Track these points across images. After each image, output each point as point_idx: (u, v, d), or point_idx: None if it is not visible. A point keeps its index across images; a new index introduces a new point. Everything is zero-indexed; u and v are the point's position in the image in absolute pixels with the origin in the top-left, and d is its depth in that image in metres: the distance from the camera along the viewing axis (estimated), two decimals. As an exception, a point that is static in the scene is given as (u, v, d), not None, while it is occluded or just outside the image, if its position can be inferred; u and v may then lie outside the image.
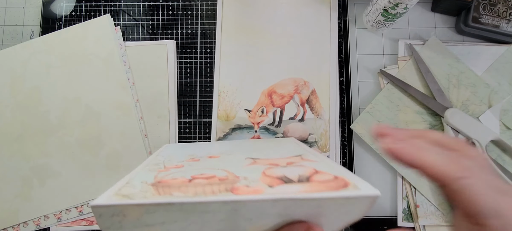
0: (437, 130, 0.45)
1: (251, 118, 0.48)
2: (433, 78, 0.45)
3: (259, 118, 0.48)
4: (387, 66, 0.48)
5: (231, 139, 0.48)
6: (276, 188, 0.19)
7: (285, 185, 0.20)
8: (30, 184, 0.45)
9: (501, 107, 0.45)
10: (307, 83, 0.48)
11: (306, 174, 0.21)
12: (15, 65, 0.48)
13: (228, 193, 0.19)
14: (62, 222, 0.45)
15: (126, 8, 0.51)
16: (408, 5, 0.40)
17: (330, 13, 0.50)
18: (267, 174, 0.22)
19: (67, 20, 0.50)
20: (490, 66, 0.47)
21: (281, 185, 0.20)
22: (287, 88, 0.48)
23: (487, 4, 0.46)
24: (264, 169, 0.23)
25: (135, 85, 0.48)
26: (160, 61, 0.49)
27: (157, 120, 0.47)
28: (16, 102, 0.47)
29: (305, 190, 0.19)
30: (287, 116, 0.48)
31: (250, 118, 0.48)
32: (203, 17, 0.51)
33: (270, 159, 0.27)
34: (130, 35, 0.50)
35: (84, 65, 0.48)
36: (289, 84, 0.48)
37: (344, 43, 0.49)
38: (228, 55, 0.49)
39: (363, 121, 0.46)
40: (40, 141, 0.46)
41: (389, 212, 0.45)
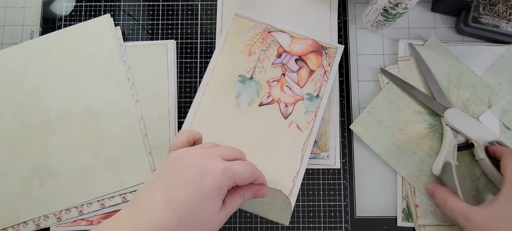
0: (437, 130, 0.45)
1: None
2: (433, 78, 0.45)
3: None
4: (387, 66, 0.48)
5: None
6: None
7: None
8: (30, 184, 0.45)
9: (501, 108, 0.45)
10: (307, 83, 0.48)
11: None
12: (15, 65, 0.48)
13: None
14: (62, 222, 0.45)
15: (126, 8, 0.51)
16: (408, 5, 0.40)
17: (330, 13, 0.50)
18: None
19: (67, 20, 0.50)
20: (490, 66, 0.47)
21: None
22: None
23: (487, 4, 0.46)
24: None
25: (135, 85, 0.48)
26: (160, 61, 0.49)
27: (157, 120, 0.47)
28: (16, 102, 0.47)
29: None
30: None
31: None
32: (203, 17, 0.51)
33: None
34: (130, 35, 0.50)
35: (84, 65, 0.48)
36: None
37: (344, 43, 0.49)
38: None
39: (362, 121, 0.46)
40: (40, 141, 0.46)
41: (389, 212, 0.45)
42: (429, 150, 0.45)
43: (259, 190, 0.36)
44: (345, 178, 0.46)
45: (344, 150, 0.47)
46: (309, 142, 0.45)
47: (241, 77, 0.47)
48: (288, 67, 0.47)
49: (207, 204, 0.29)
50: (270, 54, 0.48)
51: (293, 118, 0.46)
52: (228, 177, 0.30)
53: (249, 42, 0.48)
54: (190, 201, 0.29)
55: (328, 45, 0.48)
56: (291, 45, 0.48)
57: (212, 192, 0.29)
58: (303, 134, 0.45)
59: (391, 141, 0.45)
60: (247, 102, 0.46)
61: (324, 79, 0.47)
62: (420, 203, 0.44)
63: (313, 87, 0.47)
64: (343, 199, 0.46)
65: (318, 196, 0.46)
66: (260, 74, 0.47)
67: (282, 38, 0.48)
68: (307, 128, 0.46)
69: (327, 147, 0.47)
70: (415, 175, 0.44)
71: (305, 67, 0.47)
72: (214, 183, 0.29)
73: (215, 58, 0.48)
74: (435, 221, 0.44)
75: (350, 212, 0.46)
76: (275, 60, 0.47)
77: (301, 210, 0.46)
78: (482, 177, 0.44)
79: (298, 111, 0.46)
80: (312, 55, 0.48)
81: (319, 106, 0.46)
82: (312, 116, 0.46)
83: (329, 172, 0.46)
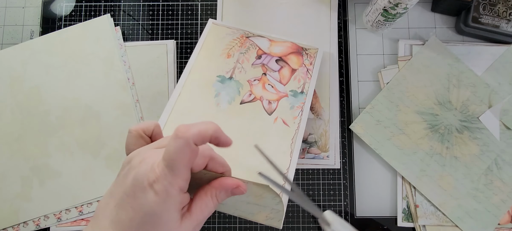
0: (437, 130, 0.45)
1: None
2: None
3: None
4: (387, 66, 0.48)
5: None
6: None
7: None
8: (30, 184, 0.45)
9: (501, 108, 0.45)
10: (307, 83, 0.48)
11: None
12: (15, 65, 0.48)
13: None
14: (62, 222, 0.45)
15: (126, 8, 0.51)
16: (408, 5, 0.40)
17: (330, 13, 0.50)
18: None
19: (67, 20, 0.50)
20: (490, 66, 0.47)
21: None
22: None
23: (487, 4, 0.46)
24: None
25: (135, 85, 0.48)
26: (160, 61, 0.49)
27: (157, 120, 0.47)
28: (16, 102, 0.47)
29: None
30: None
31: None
32: (203, 17, 0.51)
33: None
34: (130, 35, 0.50)
35: (84, 65, 0.48)
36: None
37: (344, 43, 0.49)
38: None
39: (362, 121, 0.46)
40: (40, 141, 0.46)
41: (389, 212, 0.45)
42: (429, 150, 0.45)
43: (236, 188, 0.28)
44: (345, 178, 0.46)
45: (344, 150, 0.47)
46: (297, 136, 0.44)
47: (220, 77, 0.47)
48: (269, 67, 0.47)
49: (155, 222, 0.24)
50: (249, 56, 0.48)
51: (278, 114, 0.45)
52: (169, 183, 0.23)
53: (227, 46, 0.48)
54: (134, 222, 0.24)
55: (308, 46, 0.48)
56: (271, 48, 0.48)
57: (156, 208, 0.24)
58: (290, 129, 0.44)
59: (391, 141, 0.45)
60: (227, 101, 0.46)
61: (307, 77, 0.47)
62: (421, 203, 0.44)
63: (296, 84, 0.46)
64: (343, 199, 0.46)
65: (318, 196, 0.46)
66: (240, 74, 0.47)
67: (260, 42, 0.48)
68: (294, 122, 0.45)
69: (327, 147, 0.47)
70: (415, 175, 0.44)
71: (286, 66, 0.47)
72: (155, 197, 0.23)
73: (191, 62, 0.47)
74: (435, 221, 0.44)
75: (350, 212, 0.46)
76: (255, 61, 0.47)
77: (301, 210, 0.46)
78: (483, 177, 0.44)
79: (282, 107, 0.45)
80: (292, 55, 0.47)
81: (305, 102, 0.46)
82: (298, 111, 0.45)
83: (329, 172, 0.46)
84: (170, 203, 0.24)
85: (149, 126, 0.29)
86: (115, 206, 0.25)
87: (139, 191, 0.24)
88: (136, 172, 0.24)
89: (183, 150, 0.23)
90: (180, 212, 0.25)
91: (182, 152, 0.23)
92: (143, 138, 0.29)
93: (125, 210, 0.24)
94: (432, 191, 0.44)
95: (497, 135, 0.45)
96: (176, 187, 0.24)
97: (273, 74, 0.47)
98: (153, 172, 0.24)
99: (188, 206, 0.26)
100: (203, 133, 0.24)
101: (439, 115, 0.46)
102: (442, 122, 0.45)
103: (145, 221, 0.24)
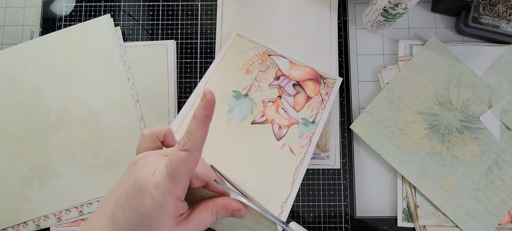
0: (437, 130, 0.45)
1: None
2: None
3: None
4: (387, 66, 0.48)
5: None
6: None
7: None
8: (30, 184, 0.45)
9: (501, 108, 0.45)
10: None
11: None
12: (15, 65, 0.48)
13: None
14: (62, 222, 0.45)
15: (126, 8, 0.51)
16: (408, 5, 0.40)
17: (330, 13, 0.50)
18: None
19: (67, 20, 0.50)
20: (490, 66, 0.47)
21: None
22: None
23: (487, 4, 0.46)
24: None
25: (135, 85, 0.48)
26: (160, 61, 0.49)
27: (157, 120, 0.47)
28: (16, 102, 0.47)
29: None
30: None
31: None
32: (203, 17, 0.51)
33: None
34: (130, 35, 0.50)
35: (84, 65, 0.48)
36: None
37: (344, 43, 0.49)
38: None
39: (362, 121, 0.46)
40: (40, 141, 0.46)
41: (389, 212, 0.45)
42: (429, 150, 0.45)
43: (237, 211, 0.28)
44: (345, 178, 0.46)
45: (344, 150, 0.47)
46: (301, 166, 0.44)
47: (236, 93, 0.46)
48: (285, 90, 0.47)
49: (148, 225, 0.25)
50: (268, 75, 0.47)
51: (286, 140, 0.45)
52: (167, 190, 0.24)
53: (247, 62, 0.48)
54: (130, 222, 0.25)
55: (327, 76, 0.47)
56: (290, 71, 0.47)
57: (151, 212, 0.24)
58: (296, 158, 0.44)
59: (392, 141, 0.45)
60: (239, 118, 0.45)
61: (321, 107, 0.46)
62: (421, 203, 0.44)
63: (309, 113, 0.46)
64: (343, 199, 0.46)
65: (318, 196, 0.46)
66: (256, 93, 0.46)
67: (281, 62, 0.48)
68: (300, 152, 0.44)
69: (327, 147, 0.46)
70: (416, 175, 0.44)
71: (302, 93, 0.47)
72: (152, 201, 0.24)
73: (211, 71, 0.47)
74: (436, 222, 0.44)
75: (350, 212, 0.46)
76: (273, 82, 0.47)
77: (301, 210, 0.46)
78: (483, 177, 0.44)
79: (292, 135, 0.45)
80: (310, 82, 0.47)
81: (314, 133, 0.45)
82: (306, 141, 0.45)
83: (329, 172, 0.46)
84: (165, 209, 0.25)
85: (161, 130, 0.30)
86: (114, 203, 0.26)
87: (137, 193, 0.25)
88: (138, 173, 0.25)
89: (186, 161, 0.24)
90: (175, 218, 0.26)
91: (184, 163, 0.24)
92: (155, 142, 0.30)
93: (122, 209, 0.25)
94: (433, 191, 0.44)
95: (498, 135, 0.45)
96: (173, 195, 0.24)
97: (288, 99, 0.46)
98: (154, 177, 0.24)
99: (187, 214, 0.27)
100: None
101: (439, 115, 0.46)
102: (442, 122, 0.45)
103: (140, 223, 0.25)
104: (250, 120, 0.45)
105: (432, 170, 0.44)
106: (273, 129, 0.45)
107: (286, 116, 0.46)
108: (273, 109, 0.46)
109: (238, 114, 0.46)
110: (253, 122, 0.45)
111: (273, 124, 0.45)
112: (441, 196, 0.44)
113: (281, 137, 0.45)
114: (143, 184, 0.25)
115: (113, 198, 0.26)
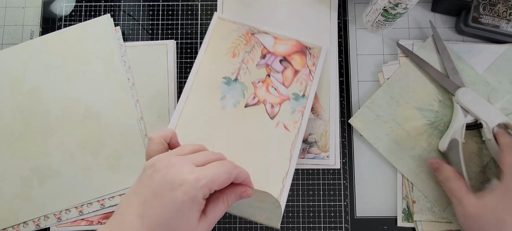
0: (436, 126, 0.45)
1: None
2: (449, 56, 0.46)
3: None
4: (388, 62, 0.48)
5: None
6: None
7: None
8: (30, 184, 0.45)
9: (501, 106, 0.45)
10: (307, 83, 0.48)
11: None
12: (15, 65, 0.48)
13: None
14: (62, 222, 0.45)
15: (126, 8, 0.51)
16: (408, 5, 0.40)
17: (330, 13, 0.50)
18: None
19: (67, 20, 0.50)
20: (491, 64, 0.47)
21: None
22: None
23: (487, 4, 0.46)
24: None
25: (135, 85, 0.48)
26: (160, 61, 0.49)
27: (157, 120, 0.47)
28: (16, 102, 0.47)
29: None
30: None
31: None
32: (203, 17, 0.51)
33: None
34: (130, 35, 0.50)
35: (84, 65, 0.48)
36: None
37: (344, 43, 0.49)
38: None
39: (362, 115, 0.46)
40: (40, 141, 0.46)
41: (389, 212, 0.45)
42: (427, 146, 0.45)
43: (244, 192, 0.33)
44: (345, 178, 0.46)
45: (344, 150, 0.47)
46: (297, 141, 0.45)
47: (226, 79, 0.47)
48: (273, 68, 0.47)
49: (180, 218, 0.28)
50: (254, 55, 0.48)
51: (279, 118, 0.45)
52: (200, 187, 0.28)
53: (232, 45, 0.48)
54: (162, 217, 0.28)
55: (311, 45, 0.48)
56: (275, 46, 0.48)
57: (183, 206, 0.28)
58: (291, 134, 0.45)
59: (390, 136, 0.45)
60: (232, 104, 0.46)
61: (309, 79, 0.47)
62: (417, 199, 0.44)
63: (298, 87, 0.47)
64: (343, 199, 0.46)
65: (318, 196, 0.46)
66: (245, 76, 0.47)
67: (265, 39, 0.48)
68: (294, 127, 0.45)
69: (327, 147, 0.46)
70: (413, 171, 0.45)
71: (289, 68, 0.47)
72: (184, 196, 0.28)
73: (198, 61, 0.47)
74: (431, 217, 0.44)
75: (350, 212, 0.45)
76: (260, 62, 0.47)
77: (301, 210, 0.46)
78: (480, 174, 0.44)
79: (284, 112, 0.46)
80: (296, 55, 0.48)
81: (306, 106, 0.46)
82: (299, 115, 0.46)
83: (329, 172, 0.46)
84: (194, 204, 0.28)
85: (168, 134, 0.34)
86: (142, 202, 0.29)
87: (168, 190, 0.28)
88: (164, 174, 0.29)
89: (224, 177, 0.30)
90: (199, 213, 0.30)
91: (222, 177, 0.30)
92: (163, 144, 0.34)
93: (152, 206, 0.28)
94: (429, 186, 0.44)
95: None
96: (203, 195, 0.29)
97: (277, 76, 0.47)
98: (187, 180, 0.28)
99: (204, 210, 0.30)
100: (243, 174, 0.33)
101: (439, 112, 0.46)
102: (441, 118, 0.45)
103: (172, 217, 0.28)
104: (243, 104, 0.46)
105: (429, 166, 0.44)
106: (266, 108, 0.46)
107: (276, 94, 0.46)
108: (263, 89, 0.46)
109: (231, 100, 0.46)
110: (246, 105, 0.46)
111: (266, 103, 0.46)
112: (437, 192, 0.44)
113: (275, 115, 0.46)
114: (175, 182, 0.28)
115: (137, 198, 0.29)
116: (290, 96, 0.46)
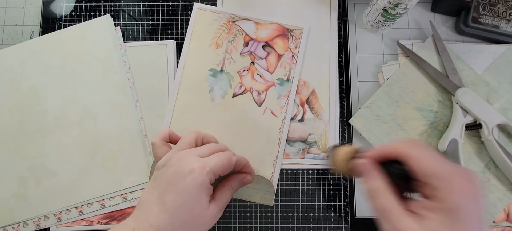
0: (435, 127, 0.45)
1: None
2: (448, 57, 0.46)
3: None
4: (387, 62, 0.48)
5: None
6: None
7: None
8: (26, 184, 0.45)
9: (500, 106, 0.45)
10: (307, 84, 0.48)
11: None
12: (14, 65, 0.48)
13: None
14: (62, 222, 0.45)
15: (126, 8, 0.51)
16: (408, 5, 0.40)
17: (330, 13, 0.50)
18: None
19: (67, 20, 0.50)
20: (490, 64, 0.47)
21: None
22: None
23: (487, 4, 0.46)
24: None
25: (135, 86, 0.48)
26: (160, 61, 0.49)
27: (157, 120, 0.47)
28: (14, 102, 0.47)
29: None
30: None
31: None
32: (203, 17, 0.51)
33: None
34: (130, 35, 0.50)
35: (82, 65, 0.48)
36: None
37: (344, 43, 0.49)
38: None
39: (362, 115, 0.46)
40: (37, 141, 0.46)
41: (389, 212, 0.45)
42: (427, 147, 0.45)
43: (245, 178, 0.40)
44: (345, 178, 0.46)
45: (344, 150, 0.47)
46: (284, 125, 0.46)
47: (212, 71, 0.48)
48: (256, 54, 0.48)
49: (193, 201, 0.33)
50: (237, 44, 0.48)
51: (266, 105, 0.47)
52: (206, 173, 0.33)
53: (215, 35, 0.49)
54: (178, 202, 0.33)
55: (293, 27, 0.49)
56: (257, 32, 0.49)
57: (193, 190, 0.33)
58: (278, 119, 0.46)
59: (390, 137, 0.45)
60: (220, 95, 0.47)
61: (292, 62, 0.48)
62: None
63: (282, 71, 0.48)
64: (343, 199, 0.46)
65: (318, 196, 0.46)
66: (230, 66, 0.48)
67: (247, 26, 0.49)
68: (281, 112, 0.47)
69: (327, 147, 0.46)
70: None
71: (272, 53, 0.48)
72: (194, 182, 0.33)
73: (184, 56, 0.48)
74: None
75: (350, 212, 0.45)
76: (243, 50, 0.48)
77: (301, 210, 0.46)
78: (480, 175, 0.44)
79: (270, 98, 0.47)
80: (278, 39, 0.48)
81: (291, 90, 0.47)
82: (284, 100, 0.47)
83: (329, 172, 0.46)
84: (203, 188, 0.34)
85: (165, 134, 0.40)
86: (159, 193, 0.34)
87: (180, 179, 0.33)
88: (176, 167, 0.34)
89: (226, 163, 0.35)
90: (208, 197, 0.35)
91: (224, 163, 0.35)
92: (166, 144, 0.39)
93: (168, 194, 0.33)
94: None
95: (496, 133, 0.45)
96: (209, 180, 0.34)
97: (261, 63, 0.48)
98: (195, 168, 0.33)
99: (213, 195, 0.36)
100: (242, 161, 0.39)
101: (438, 112, 0.46)
102: (441, 119, 0.45)
103: (186, 200, 0.33)
104: (231, 94, 0.47)
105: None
106: (253, 96, 0.47)
107: (262, 81, 0.47)
108: (249, 78, 0.47)
109: (219, 91, 0.47)
110: (234, 94, 0.47)
111: (252, 91, 0.47)
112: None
113: (262, 102, 0.47)
114: (185, 171, 0.33)
115: (155, 191, 0.34)
116: (275, 82, 0.47)
